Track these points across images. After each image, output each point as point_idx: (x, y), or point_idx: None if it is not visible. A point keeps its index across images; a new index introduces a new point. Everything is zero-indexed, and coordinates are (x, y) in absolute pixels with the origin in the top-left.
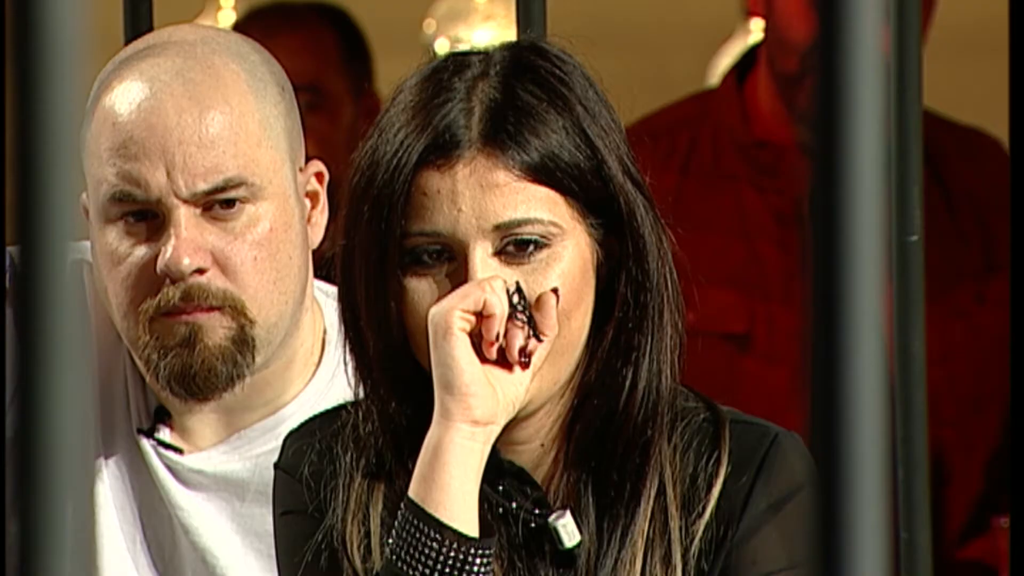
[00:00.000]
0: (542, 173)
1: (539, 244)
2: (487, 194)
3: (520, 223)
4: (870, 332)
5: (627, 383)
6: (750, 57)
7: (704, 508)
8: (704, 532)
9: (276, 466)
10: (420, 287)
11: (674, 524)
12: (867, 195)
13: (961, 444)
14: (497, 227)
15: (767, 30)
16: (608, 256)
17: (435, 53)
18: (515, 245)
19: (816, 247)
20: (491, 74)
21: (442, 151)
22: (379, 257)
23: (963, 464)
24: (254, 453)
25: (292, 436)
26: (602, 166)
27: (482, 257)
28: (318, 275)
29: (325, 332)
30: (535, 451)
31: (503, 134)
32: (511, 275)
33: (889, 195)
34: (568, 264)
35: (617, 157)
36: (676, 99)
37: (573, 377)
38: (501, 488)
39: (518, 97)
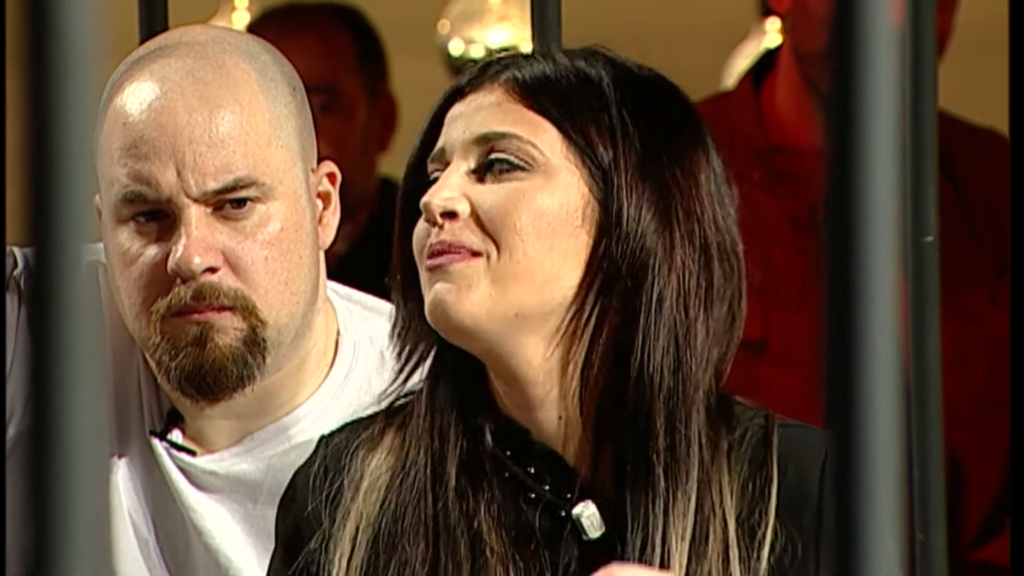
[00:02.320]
0: (534, 93)
1: (514, 165)
2: (481, 112)
3: (500, 136)
4: (885, 333)
5: (631, 361)
6: (767, 61)
7: (763, 512)
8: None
9: (298, 470)
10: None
11: (718, 517)
12: (882, 195)
13: (976, 446)
14: (476, 139)
15: (793, 9)
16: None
17: (449, 54)
18: (496, 164)
19: (831, 248)
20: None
21: (469, 82)
22: (411, 195)
23: (978, 465)
24: (267, 455)
25: (327, 438)
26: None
27: (457, 170)
28: (331, 276)
29: (338, 334)
30: (559, 429)
31: (513, 66)
32: (482, 193)
33: (904, 195)
34: (541, 195)
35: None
36: (690, 99)
37: (574, 347)
38: (533, 470)
39: (560, 63)
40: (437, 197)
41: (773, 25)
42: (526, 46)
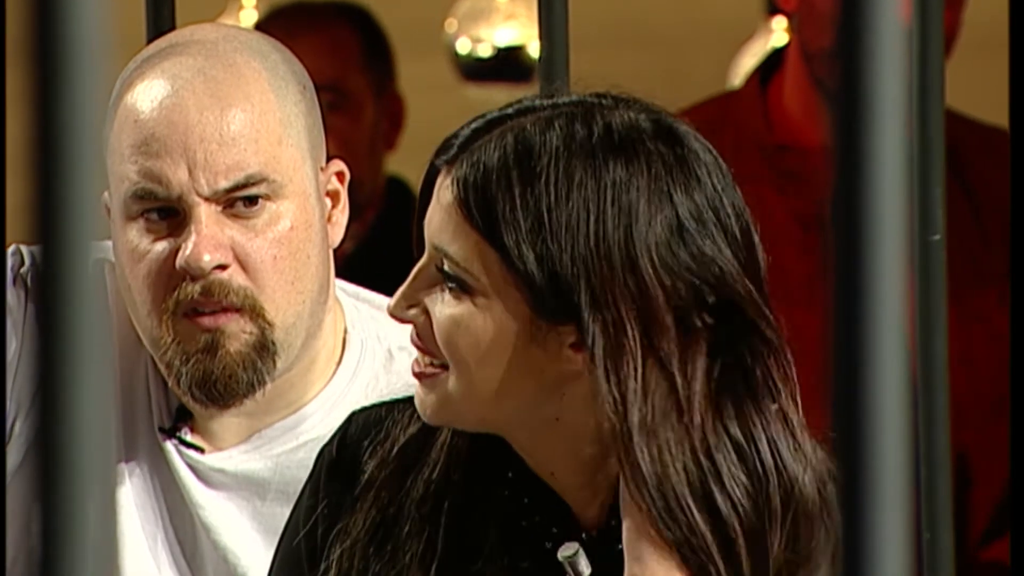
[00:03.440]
0: (469, 205)
1: (458, 286)
2: (439, 212)
3: (444, 253)
4: (892, 332)
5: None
6: (774, 59)
7: None
8: None
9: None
10: None
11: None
12: (889, 194)
13: (983, 445)
14: (432, 246)
15: (800, 7)
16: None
17: (456, 53)
18: (446, 277)
19: (838, 247)
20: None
21: (443, 160)
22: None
23: (985, 465)
24: (275, 452)
25: (358, 415)
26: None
27: (418, 277)
28: (338, 274)
29: (346, 332)
30: (552, 478)
31: (467, 156)
32: (436, 308)
33: (911, 194)
34: (480, 323)
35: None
36: (697, 98)
37: (555, 430)
38: (527, 500)
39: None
40: (396, 309)
41: (780, 24)
42: (534, 45)
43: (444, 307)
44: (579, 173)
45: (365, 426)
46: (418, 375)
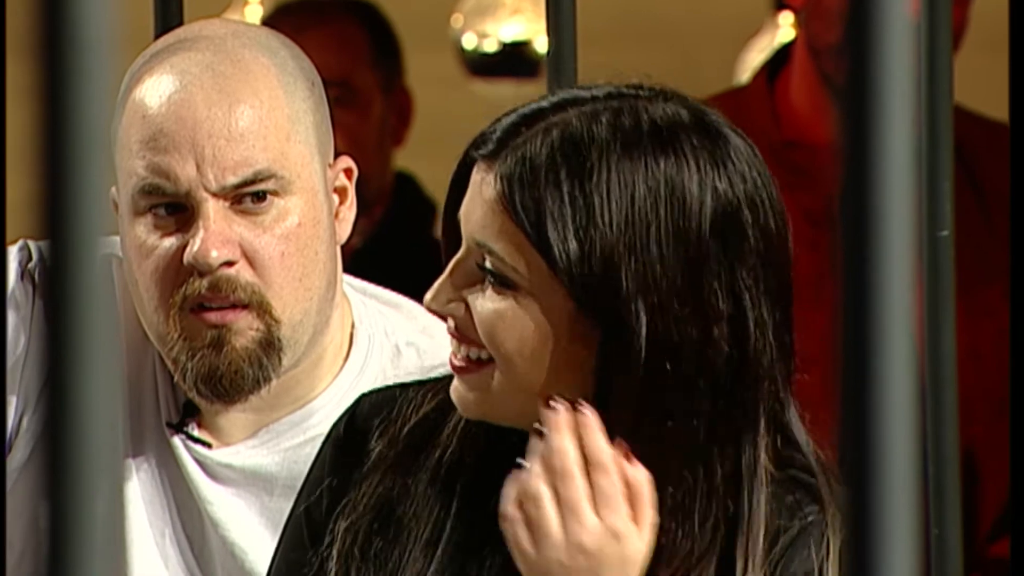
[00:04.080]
0: (513, 201)
1: (501, 282)
2: (481, 207)
3: (489, 250)
4: (901, 328)
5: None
6: (781, 55)
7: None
8: None
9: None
10: None
11: None
12: (897, 190)
13: (991, 440)
14: (474, 242)
15: (807, 3)
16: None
17: (462, 48)
18: (489, 274)
19: (846, 243)
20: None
21: (481, 155)
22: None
23: (994, 460)
24: (282, 447)
25: (366, 399)
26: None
27: (458, 269)
28: (346, 270)
29: (353, 327)
30: None
31: (511, 152)
32: (478, 302)
33: (920, 190)
34: (524, 319)
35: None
36: (704, 93)
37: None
38: None
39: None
40: (434, 302)
41: (786, 19)
42: (540, 40)
43: (486, 302)
44: (630, 169)
45: (376, 405)
46: (459, 369)
